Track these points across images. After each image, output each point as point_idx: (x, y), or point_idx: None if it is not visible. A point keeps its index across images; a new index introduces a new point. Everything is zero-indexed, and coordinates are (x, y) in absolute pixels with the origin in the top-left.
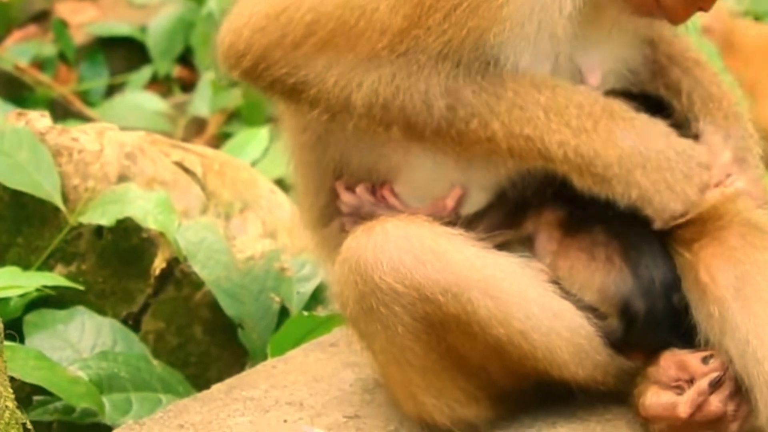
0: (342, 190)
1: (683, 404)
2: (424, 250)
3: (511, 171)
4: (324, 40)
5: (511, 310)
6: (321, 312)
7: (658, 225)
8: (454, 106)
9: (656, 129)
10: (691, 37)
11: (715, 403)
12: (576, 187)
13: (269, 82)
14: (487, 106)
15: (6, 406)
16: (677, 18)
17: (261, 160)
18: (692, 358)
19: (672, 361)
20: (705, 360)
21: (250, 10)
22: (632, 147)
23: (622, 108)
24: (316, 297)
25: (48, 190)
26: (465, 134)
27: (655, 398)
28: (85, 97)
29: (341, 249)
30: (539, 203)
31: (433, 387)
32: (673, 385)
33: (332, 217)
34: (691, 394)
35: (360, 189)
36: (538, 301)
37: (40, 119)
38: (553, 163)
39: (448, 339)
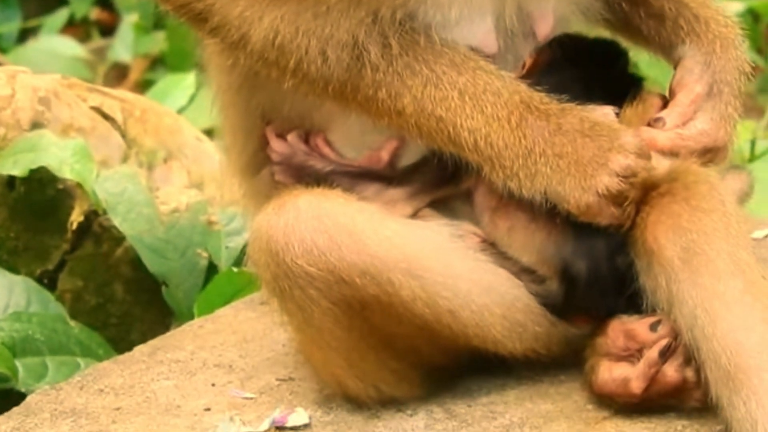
0: (272, 137)
1: (635, 379)
2: (339, 230)
3: None
4: None
5: (436, 288)
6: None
7: (575, 213)
8: (357, 65)
9: (572, 117)
10: None
11: (670, 372)
12: (492, 180)
13: (179, 5)
14: (399, 78)
15: None
16: None
17: (187, 108)
18: (640, 326)
19: (620, 330)
20: (653, 327)
21: None
22: (543, 140)
23: (541, 99)
24: (246, 252)
25: None
26: (372, 102)
27: (607, 374)
28: None
29: (252, 225)
30: None
31: (357, 368)
32: (624, 355)
33: (262, 166)
34: (641, 367)
35: (292, 137)
36: (468, 277)
37: None
38: (464, 151)
39: (370, 320)
